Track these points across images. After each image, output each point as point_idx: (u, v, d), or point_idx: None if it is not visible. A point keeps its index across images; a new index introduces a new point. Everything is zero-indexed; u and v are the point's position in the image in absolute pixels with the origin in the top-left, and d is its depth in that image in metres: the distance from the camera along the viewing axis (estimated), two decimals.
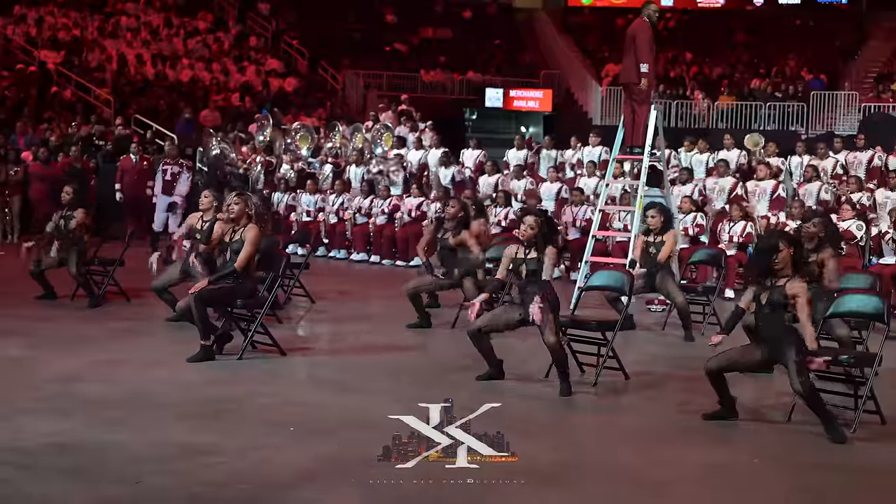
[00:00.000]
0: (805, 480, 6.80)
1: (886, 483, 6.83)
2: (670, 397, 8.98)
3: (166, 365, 9.50)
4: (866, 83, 31.55)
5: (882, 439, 7.76)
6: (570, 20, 37.94)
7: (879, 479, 6.90)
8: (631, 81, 13.67)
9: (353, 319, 12.79)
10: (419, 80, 33.38)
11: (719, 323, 12.12)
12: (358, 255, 19.17)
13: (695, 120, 29.15)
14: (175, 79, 30.41)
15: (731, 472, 6.93)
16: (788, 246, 7.68)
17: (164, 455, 6.72)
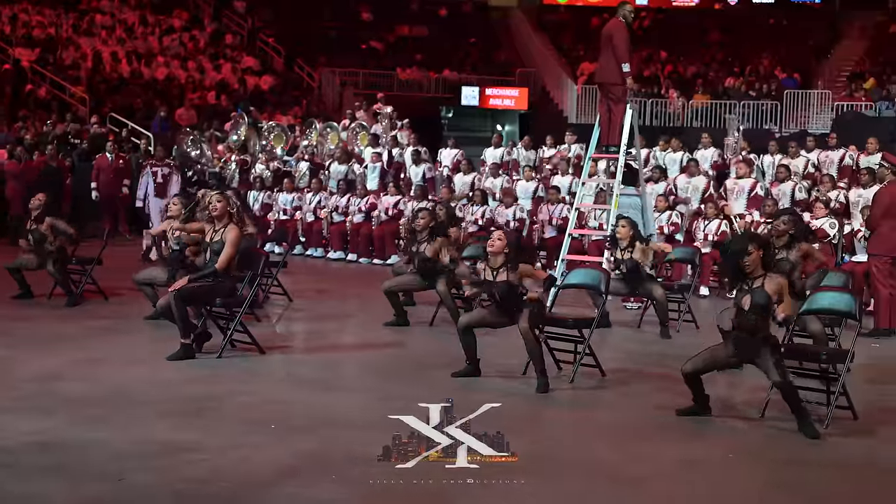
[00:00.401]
0: (779, 475, 6.90)
1: (859, 477, 6.95)
2: (646, 394, 9.07)
3: (146, 363, 9.53)
4: (839, 82, 31.79)
5: (854, 434, 7.89)
6: (546, 18, 38.05)
7: (852, 473, 7.01)
8: (609, 81, 13.75)
9: (330, 318, 12.85)
10: (395, 78, 33.42)
11: (694, 320, 12.27)
12: (335, 253, 19.21)
13: (669, 118, 29.30)
14: (150, 77, 30.34)
15: (707, 468, 7.03)
16: (757, 248, 7.78)
17: (146, 452, 6.77)
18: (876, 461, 7.31)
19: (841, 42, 34.88)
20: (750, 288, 7.73)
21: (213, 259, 9.85)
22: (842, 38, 35.04)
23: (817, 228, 13.93)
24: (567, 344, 9.50)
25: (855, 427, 8.03)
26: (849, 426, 8.02)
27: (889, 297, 12.31)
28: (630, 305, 13.50)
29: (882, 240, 12.38)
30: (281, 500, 6.05)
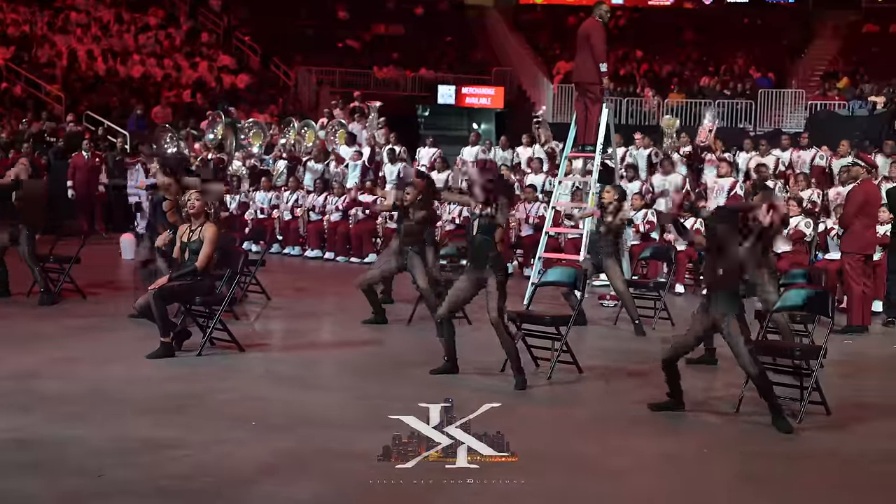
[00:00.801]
0: (752, 469, 7.00)
1: (831, 470, 7.07)
2: (623, 389, 9.17)
3: (125, 362, 9.55)
4: (813, 81, 32.01)
5: (827, 429, 8.00)
6: (522, 17, 38.15)
7: (824, 466, 7.13)
8: (587, 80, 13.82)
9: (308, 316, 12.90)
10: (372, 76, 33.44)
11: (669, 318, 12.38)
12: (312, 251, 19.25)
13: (645, 117, 29.44)
14: (126, 75, 30.27)
15: (683, 461, 7.13)
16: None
17: (126, 449, 6.81)
18: (845, 454, 7.42)
19: (814, 42, 35.12)
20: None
21: (191, 258, 9.88)
22: (815, 38, 35.29)
23: (794, 230, 14.08)
24: (544, 341, 9.58)
25: (827, 422, 8.15)
26: (821, 421, 8.14)
27: (862, 295, 12.45)
28: (606, 303, 13.60)
29: (855, 238, 12.51)
30: (263, 496, 6.10)
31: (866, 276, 12.60)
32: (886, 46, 32.87)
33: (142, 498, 6.00)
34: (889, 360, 11.46)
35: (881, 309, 13.31)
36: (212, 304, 10.00)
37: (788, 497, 6.47)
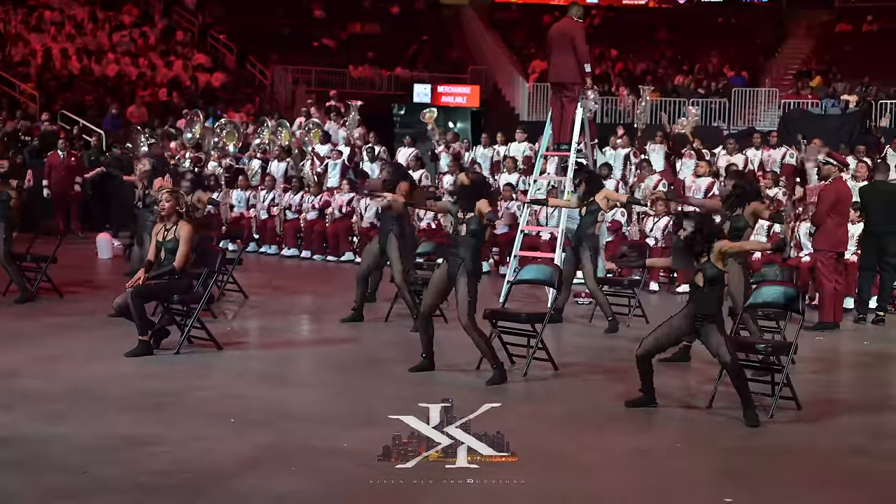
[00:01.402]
0: (726, 464, 7.12)
1: (803, 464, 7.18)
2: (598, 386, 9.28)
3: (104, 360, 9.60)
4: (786, 80, 32.23)
5: (798, 423, 8.14)
6: (497, 16, 38.23)
7: (796, 460, 7.25)
8: (568, 80, 13.87)
9: (286, 314, 12.94)
10: (348, 75, 33.46)
11: (644, 315, 12.50)
12: (289, 250, 19.30)
13: (620, 116, 29.55)
14: (101, 73, 30.19)
15: (657, 457, 7.23)
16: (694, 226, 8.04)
17: (107, 446, 6.88)
18: (817, 448, 7.55)
19: (788, 41, 35.36)
20: (701, 265, 7.99)
21: (168, 257, 9.94)
22: (789, 37, 35.53)
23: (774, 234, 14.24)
24: (520, 338, 9.68)
25: (798, 416, 8.28)
26: (793, 415, 8.27)
27: (833, 292, 12.60)
28: (581, 301, 13.70)
29: (827, 235, 12.66)
30: (243, 491, 6.17)
31: (838, 273, 12.76)
32: (859, 46, 33.14)
33: (122, 494, 6.06)
34: (859, 357, 11.61)
35: (852, 306, 13.46)
36: (189, 303, 10.05)
37: (766, 492, 6.56)
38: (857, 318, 13.13)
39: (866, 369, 10.95)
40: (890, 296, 13.46)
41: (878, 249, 13.09)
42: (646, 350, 8.26)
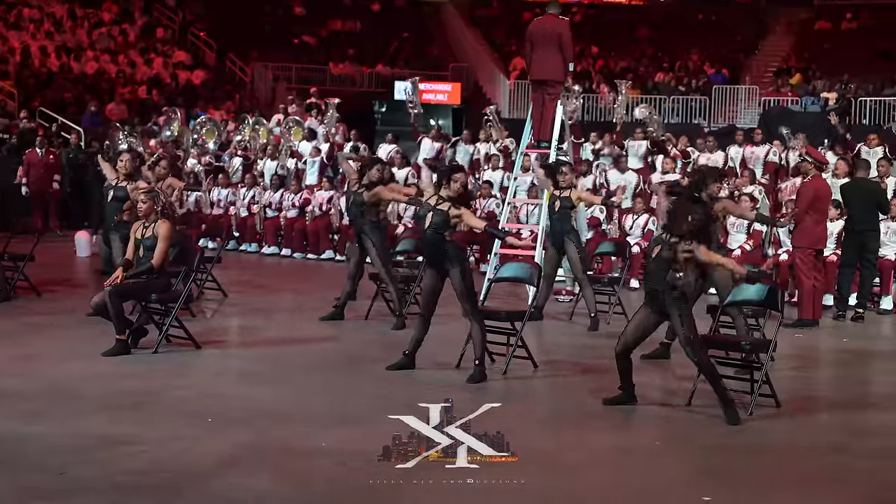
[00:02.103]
0: (706, 462, 7.12)
1: (782, 462, 7.19)
2: (577, 384, 9.27)
3: (81, 359, 9.55)
4: (766, 77, 32.31)
5: (777, 421, 8.14)
6: (478, 13, 38.21)
7: (776, 458, 7.25)
8: (551, 78, 13.85)
9: (265, 312, 12.90)
10: (328, 72, 33.40)
11: (624, 313, 12.50)
12: (269, 248, 19.25)
13: (600, 113, 29.58)
14: (80, 71, 30.06)
15: (637, 455, 7.23)
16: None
17: (84, 446, 6.84)
18: (797, 446, 7.56)
19: (767, 38, 35.45)
20: (667, 241, 7.96)
21: (146, 255, 9.89)
22: (768, 35, 35.61)
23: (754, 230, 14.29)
24: (500, 336, 9.66)
25: (778, 414, 8.28)
26: (772, 413, 8.27)
27: (813, 289, 12.62)
28: (562, 298, 13.71)
29: (806, 233, 12.68)
30: (222, 491, 6.14)
31: (817, 270, 12.78)
32: (838, 43, 33.27)
33: (99, 494, 6.02)
34: (839, 354, 11.65)
35: (832, 303, 13.50)
36: (168, 302, 10.01)
37: (746, 490, 6.57)
38: (837, 315, 13.16)
39: (845, 367, 10.98)
40: (870, 293, 13.51)
41: (859, 247, 13.13)
42: (624, 345, 8.24)
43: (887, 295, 13.83)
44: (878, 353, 11.83)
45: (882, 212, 13.44)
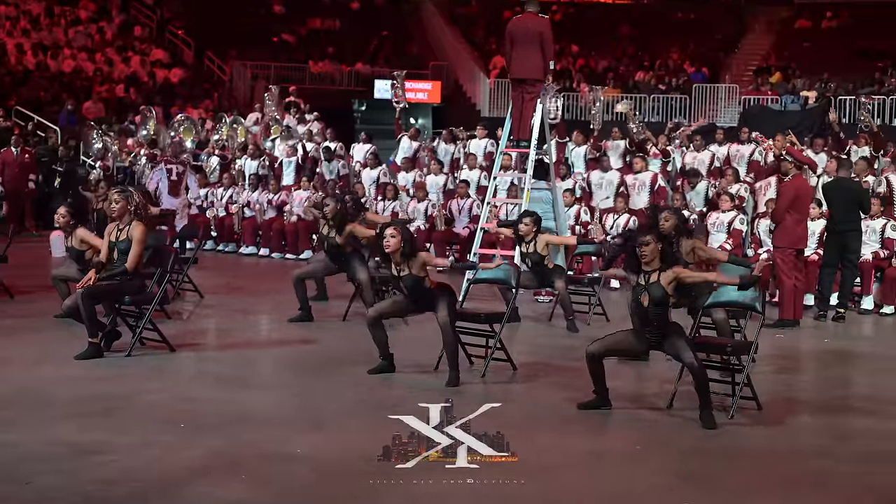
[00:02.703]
0: (685, 466, 7.02)
1: (763, 465, 7.10)
2: (556, 386, 9.17)
3: (53, 363, 9.40)
4: (746, 76, 32.33)
5: (759, 424, 8.06)
6: (457, 12, 38.14)
7: (756, 462, 7.16)
8: (531, 77, 13.76)
9: (242, 314, 12.76)
10: (308, 71, 33.27)
11: (604, 313, 12.43)
12: (247, 248, 19.11)
13: (581, 112, 29.52)
14: (57, 69, 29.85)
15: (616, 459, 7.14)
16: (656, 240, 7.90)
17: (54, 454, 6.68)
18: (779, 450, 7.47)
19: (748, 37, 35.49)
20: (647, 283, 7.85)
21: (120, 258, 9.74)
22: (748, 33, 35.66)
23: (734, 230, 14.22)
24: (478, 338, 9.56)
25: (759, 417, 8.20)
26: (753, 416, 8.19)
27: (793, 289, 12.57)
28: (541, 299, 13.62)
29: (786, 232, 12.63)
30: (193, 499, 6.02)
31: (798, 270, 12.73)
32: (818, 42, 33.33)
33: None
34: (820, 355, 11.59)
35: (813, 303, 13.46)
36: (142, 304, 9.86)
37: (726, 494, 6.49)
38: (818, 315, 13.12)
39: (827, 368, 10.92)
40: (851, 293, 13.47)
41: (840, 246, 13.09)
42: (596, 351, 8.11)
43: (868, 295, 13.80)
44: (860, 353, 11.79)
45: (863, 211, 13.39)
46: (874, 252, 13.79)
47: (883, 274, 13.72)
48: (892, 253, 13.79)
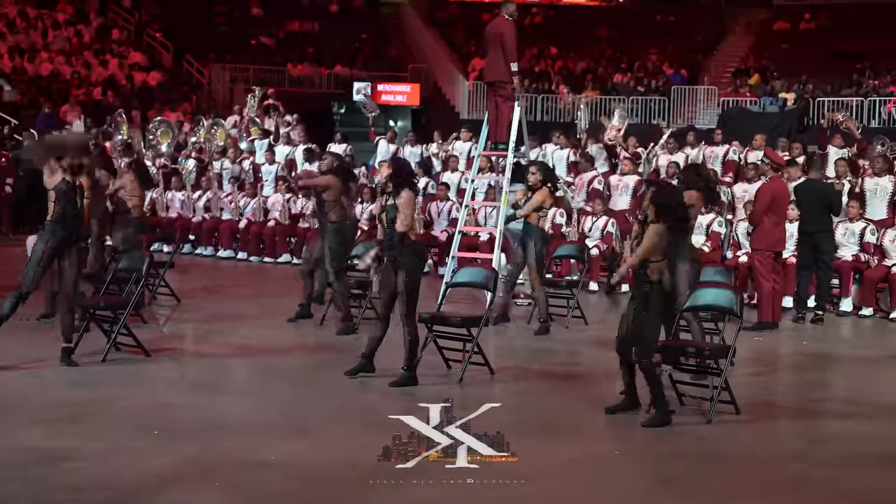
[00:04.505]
0: (665, 470, 6.99)
1: (742, 470, 7.06)
2: (535, 391, 9.12)
3: (25, 367, 9.28)
4: (725, 78, 32.39)
5: (737, 428, 8.01)
6: (437, 14, 38.12)
7: (735, 467, 7.12)
8: (499, 79, 13.75)
9: (219, 318, 12.63)
10: (286, 73, 33.19)
11: (583, 316, 12.38)
12: (225, 251, 19.00)
13: (560, 114, 29.52)
14: (34, 73, 29.68)
15: (596, 465, 7.09)
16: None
17: (20, 461, 6.59)
18: (756, 454, 7.43)
19: (726, 38, 35.55)
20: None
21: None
22: (727, 35, 35.72)
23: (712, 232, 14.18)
24: (456, 342, 9.49)
25: (737, 421, 8.15)
26: (731, 420, 8.14)
27: (772, 291, 12.55)
28: (520, 302, 13.55)
29: (764, 235, 12.60)
30: None
31: (776, 272, 12.70)
32: (796, 44, 33.40)
33: None
34: (798, 358, 11.56)
35: (791, 305, 13.44)
36: (116, 308, 9.77)
37: (705, 499, 6.46)
38: (797, 318, 13.09)
39: (805, 371, 10.88)
40: (828, 294, 13.44)
41: (813, 248, 13.07)
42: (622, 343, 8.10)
43: (847, 297, 13.78)
44: (838, 356, 11.77)
45: (833, 213, 13.35)
46: (854, 255, 13.75)
47: (861, 276, 13.70)
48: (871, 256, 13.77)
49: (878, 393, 9.65)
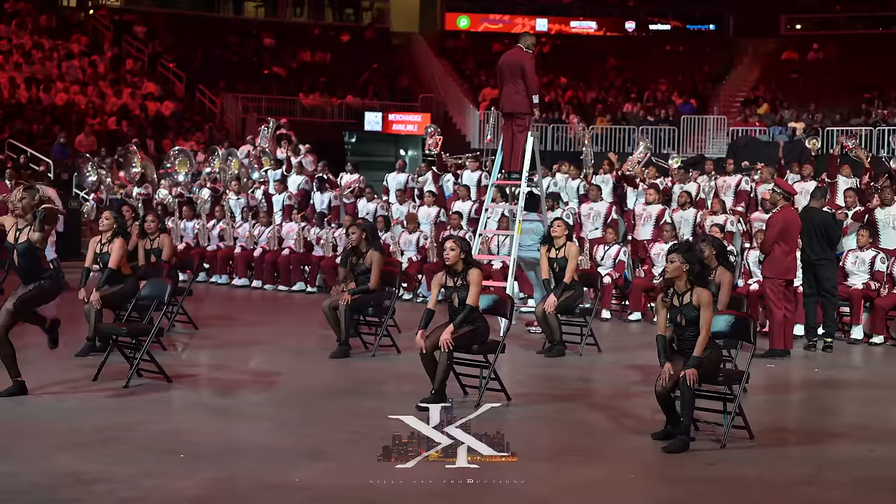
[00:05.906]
0: (681, 494, 7.09)
1: (755, 494, 7.16)
2: (549, 415, 9.24)
3: (51, 392, 9.43)
4: (734, 107, 32.58)
5: (751, 453, 8.11)
6: (447, 44, 38.40)
7: (748, 490, 7.22)
8: (518, 111, 13.91)
9: (237, 345, 12.77)
10: (298, 104, 33.45)
11: (596, 343, 12.49)
12: (240, 280, 19.15)
13: (570, 143, 29.72)
14: (49, 103, 29.97)
15: (610, 488, 7.19)
16: (682, 260, 8.18)
17: (49, 485, 6.73)
18: (770, 478, 7.54)
19: (735, 68, 35.77)
20: (682, 305, 8.14)
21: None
22: (736, 65, 35.95)
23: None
24: (473, 368, 9.62)
25: (751, 446, 8.27)
26: (745, 445, 8.26)
27: (783, 319, 12.65)
28: (534, 329, 13.67)
29: (775, 263, 12.71)
30: None
31: (787, 300, 12.81)
32: (805, 73, 33.60)
33: None
34: (810, 384, 11.66)
35: (802, 333, 13.52)
36: (138, 335, 9.94)
37: None
38: (808, 346, 13.19)
39: (817, 397, 10.97)
40: (835, 322, 13.50)
41: (815, 277, 13.15)
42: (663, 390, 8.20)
43: (857, 324, 13.87)
44: (849, 382, 11.87)
45: (830, 244, 13.32)
46: (865, 283, 13.84)
47: (872, 304, 13.80)
48: (881, 284, 13.86)
49: (890, 419, 9.77)
